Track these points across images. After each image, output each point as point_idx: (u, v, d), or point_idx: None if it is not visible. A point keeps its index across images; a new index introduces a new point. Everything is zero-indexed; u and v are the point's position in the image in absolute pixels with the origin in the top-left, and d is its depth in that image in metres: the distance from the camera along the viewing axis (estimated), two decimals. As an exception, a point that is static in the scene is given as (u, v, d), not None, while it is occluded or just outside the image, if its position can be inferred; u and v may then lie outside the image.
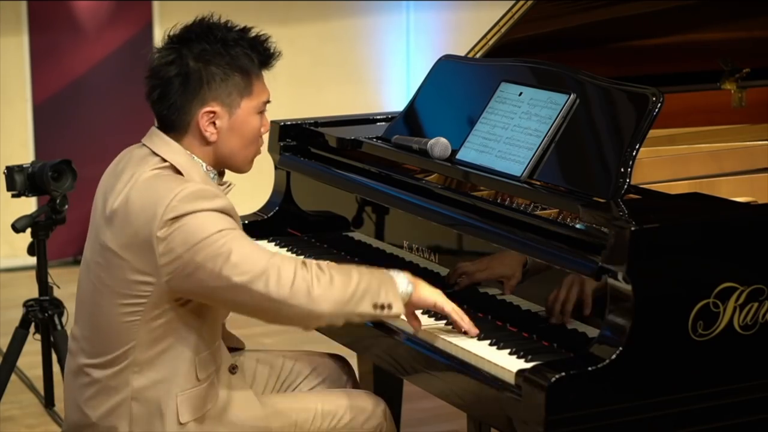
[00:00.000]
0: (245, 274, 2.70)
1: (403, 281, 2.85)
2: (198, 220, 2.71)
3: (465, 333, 2.90)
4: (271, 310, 2.74)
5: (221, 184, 2.91)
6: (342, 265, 2.82)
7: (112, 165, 2.93)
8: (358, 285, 2.76)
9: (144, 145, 2.87)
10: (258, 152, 2.94)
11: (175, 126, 2.84)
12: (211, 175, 2.88)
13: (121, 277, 2.76)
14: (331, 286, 2.72)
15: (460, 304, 3.08)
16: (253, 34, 2.88)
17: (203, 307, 2.82)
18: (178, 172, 2.81)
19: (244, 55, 2.84)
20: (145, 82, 2.87)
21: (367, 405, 3.07)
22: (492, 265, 3.05)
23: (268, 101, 2.91)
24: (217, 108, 2.82)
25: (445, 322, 3.01)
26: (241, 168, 2.93)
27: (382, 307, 2.79)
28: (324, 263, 2.78)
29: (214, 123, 2.83)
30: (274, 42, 2.91)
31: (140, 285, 2.75)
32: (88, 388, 2.85)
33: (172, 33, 2.85)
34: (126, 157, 2.91)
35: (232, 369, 2.97)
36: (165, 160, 2.81)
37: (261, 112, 2.89)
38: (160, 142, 2.85)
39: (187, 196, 2.72)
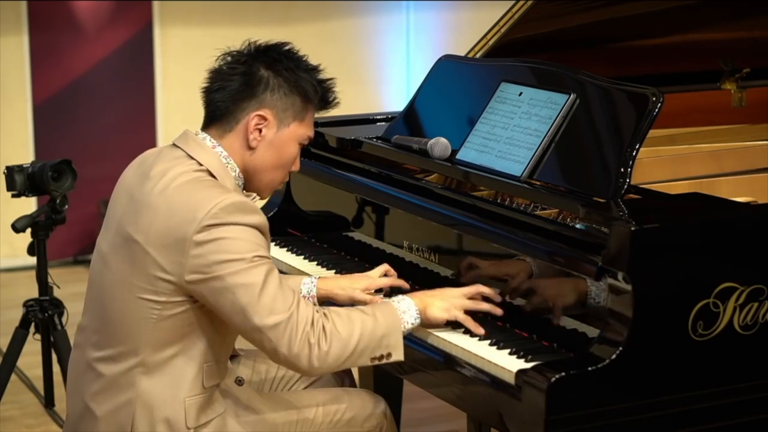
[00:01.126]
0: (266, 318, 2.71)
1: (410, 317, 2.89)
2: (237, 234, 2.72)
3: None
4: (270, 354, 2.77)
5: (247, 195, 2.92)
6: (351, 315, 2.80)
7: (137, 163, 2.93)
8: (358, 345, 2.79)
9: (177, 146, 2.88)
10: (281, 183, 2.97)
11: (224, 118, 2.86)
12: (240, 183, 2.90)
13: (143, 270, 2.77)
14: (329, 355, 2.75)
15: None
16: (324, 76, 2.95)
17: (216, 318, 2.82)
18: (213, 177, 2.83)
19: (311, 84, 2.90)
20: (207, 77, 2.90)
21: (367, 404, 3.08)
22: (500, 267, 3.04)
23: (310, 139, 2.95)
24: (270, 117, 2.86)
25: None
26: (262, 190, 2.95)
27: (381, 357, 2.83)
28: (330, 320, 2.77)
29: (260, 129, 2.86)
30: (338, 92, 2.97)
31: (160, 282, 2.76)
32: (95, 383, 2.86)
33: (249, 43, 2.91)
34: (153, 155, 2.91)
35: (239, 381, 3.00)
36: (201, 164, 2.83)
37: (301, 144, 2.93)
38: (194, 145, 2.86)
39: (228, 206, 2.73)
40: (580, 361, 2.65)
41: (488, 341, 2.88)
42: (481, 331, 2.91)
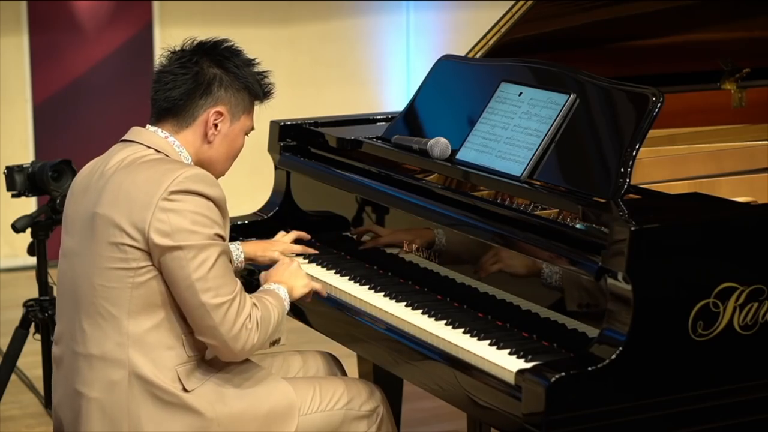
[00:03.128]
0: (211, 298, 2.83)
1: (287, 303, 3.07)
2: (199, 208, 2.83)
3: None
4: (208, 331, 2.86)
5: None
6: (267, 306, 2.96)
7: (86, 172, 3.01)
8: (269, 333, 2.96)
9: (131, 141, 2.97)
10: (225, 173, 3.09)
11: (180, 115, 2.97)
12: None
13: (109, 240, 2.85)
14: (256, 343, 2.90)
15: (460, 304, 3.09)
16: (261, 69, 3.07)
17: None
18: None
19: (255, 79, 3.04)
20: (156, 76, 3.01)
21: (363, 390, 3.14)
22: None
23: (253, 129, 3.09)
24: (225, 112, 2.99)
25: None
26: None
27: (274, 343, 3.03)
28: (260, 310, 2.92)
29: (216, 125, 2.98)
30: (274, 82, 3.10)
31: (127, 248, 2.83)
32: (83, 368, 2.89)
33: (187, 44, 3.02)
34: (102, 159, 3.00)
35: None
36: (158, 151, 2.94)
37: (246, 135, 3.08)
38: (147, 135, 2.97)
39: (192, 176, 2.85)
40: (580, 361, 2.65)
41: (488, 341, 2.88)
42: (324, 292, 3.21)
